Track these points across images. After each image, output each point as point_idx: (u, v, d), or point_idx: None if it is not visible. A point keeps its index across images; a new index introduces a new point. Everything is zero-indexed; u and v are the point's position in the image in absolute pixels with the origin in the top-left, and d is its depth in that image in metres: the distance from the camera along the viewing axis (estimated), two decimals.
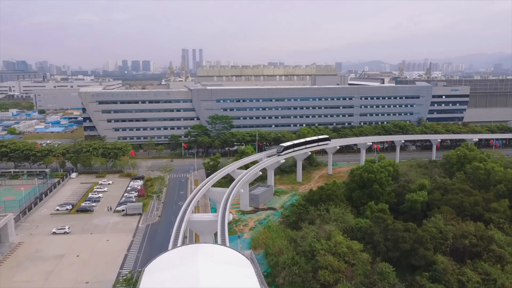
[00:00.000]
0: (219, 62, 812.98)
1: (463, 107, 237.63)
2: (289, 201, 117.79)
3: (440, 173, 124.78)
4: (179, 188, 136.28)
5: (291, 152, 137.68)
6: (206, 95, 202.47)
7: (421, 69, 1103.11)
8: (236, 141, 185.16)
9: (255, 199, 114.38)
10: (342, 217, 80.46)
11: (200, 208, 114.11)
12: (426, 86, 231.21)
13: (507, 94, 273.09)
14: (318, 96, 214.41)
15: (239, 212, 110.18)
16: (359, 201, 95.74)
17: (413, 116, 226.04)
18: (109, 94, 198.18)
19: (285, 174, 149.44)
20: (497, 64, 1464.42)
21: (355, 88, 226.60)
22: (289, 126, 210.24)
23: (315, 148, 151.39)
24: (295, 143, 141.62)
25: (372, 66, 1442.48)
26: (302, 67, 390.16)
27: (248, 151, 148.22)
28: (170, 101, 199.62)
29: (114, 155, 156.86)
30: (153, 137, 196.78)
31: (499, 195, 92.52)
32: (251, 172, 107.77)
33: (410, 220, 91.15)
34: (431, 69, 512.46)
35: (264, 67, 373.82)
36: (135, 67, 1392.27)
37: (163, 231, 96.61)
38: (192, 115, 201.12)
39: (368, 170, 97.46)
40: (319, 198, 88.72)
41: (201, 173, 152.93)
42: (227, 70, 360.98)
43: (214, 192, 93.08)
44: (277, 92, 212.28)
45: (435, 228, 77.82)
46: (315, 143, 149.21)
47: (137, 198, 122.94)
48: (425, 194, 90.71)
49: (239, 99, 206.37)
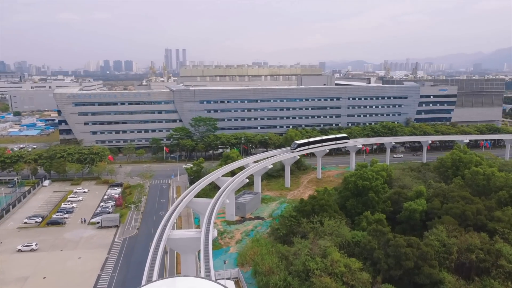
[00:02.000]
0: (203, 62, 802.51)
1: (450, 107, 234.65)
2: (277, 209, 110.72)
3: (434, 177, 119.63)
4: (160, 195, 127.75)
5: (305, 149, 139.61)
6: (189, 96, 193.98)
7: (403, 68, 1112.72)
8: (220, 144, 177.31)
9: (241, 208, 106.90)
10: (338, 230, 73.67)
11: (182, 219, 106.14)
12: (414, 86, 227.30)
13: (493, 94, 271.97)
14: (305, 97, 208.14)
15: (225, 223, 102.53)
16: (354, 210, 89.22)
17: (401, 116, 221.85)
18: (86, 96, 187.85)
19: (273, 179, 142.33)
20: (477, 64, 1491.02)
21: (343, 89, 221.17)
22: (275, 127, 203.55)
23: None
24: (310, 141, 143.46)
25: (355, 66, 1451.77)
26: (287, 67, 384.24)
27: (233, 156, 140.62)
28: (151, 103, 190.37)
29: (91, 160, 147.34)
30: (133, 140, 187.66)
31: (501, 202, 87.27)
32: (238, 179, 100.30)
33: (408, 230, 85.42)
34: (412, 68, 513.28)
35: (249, 67, 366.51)
36: (117, 67, 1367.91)
37: (142, 246, 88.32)
38: (174, 117, 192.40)
39: (362, 177, 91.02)
40: (311, 209, 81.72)
41: (183, 178, 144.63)
42: (211, 70, 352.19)
43: (197, 203, 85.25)
44: (263, 92, 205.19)
45: (437, 241, 71.70)
46: (332, 142, 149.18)
47: (114, 208, 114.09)
48: (424, 203, 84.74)
49: (224, 100, 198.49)
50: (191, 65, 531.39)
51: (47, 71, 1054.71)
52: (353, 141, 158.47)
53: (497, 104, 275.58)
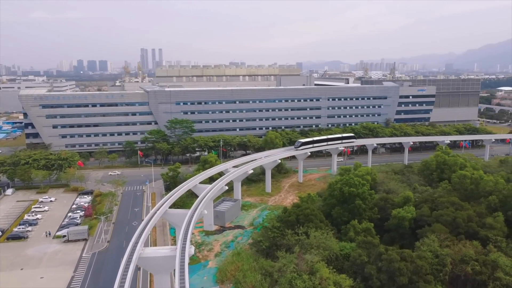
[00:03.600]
0: (180, 62, 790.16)
1: (429, 107, 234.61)
2: (258, 217, 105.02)
3: (419, 180, 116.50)
4: (134, 203, 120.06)
5: (310, 148, 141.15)
6: (165, 97, 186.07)
7: (379, 69, 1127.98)
8: (198, 147, 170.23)
9: (220, 216, 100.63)
10: (325, 243, 68.47)
11: (157, 229, 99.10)
12: (394, 86, 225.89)
13: (469, 94, 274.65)
14: (284, 98, 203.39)
15: (203, 233, 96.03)
16: (340, 218, 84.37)
17: (380, 117, 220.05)
18: (54, 97, 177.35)
19: (253, 184, 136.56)
20: (448, 64, 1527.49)
21: (322, 89, 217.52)
22: (254, 129, 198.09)
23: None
24: (314, 139, 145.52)
25: (332, 66, 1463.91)
26: (265, 67, 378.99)
27: (211, 160, 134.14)
28: (124, 104, 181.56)
29: (59, 167, 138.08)
30: (105, 144, 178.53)
31: (490, 207, 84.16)
32: (216, 187, 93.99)
33: (397, 239, 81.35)
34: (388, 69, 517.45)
35: (226, 67, 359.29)
36: (91, 67, 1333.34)
37: (112, 261, 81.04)
38: (149, 119, 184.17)
39: (349, 184, 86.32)
40: (296, 219, 76.32)
41: (159, 184, 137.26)
42: (188, 70, 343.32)
43: (172, 215, 78.64)
44: (241, 93, 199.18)
45: (430, 251, 67.61)
46: (338, 141, 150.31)
47: (83, 219, 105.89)
48: (413, 210, 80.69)
49: (201, 101, 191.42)
50: (167, 65, 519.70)
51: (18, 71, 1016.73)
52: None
53: (473, 104, 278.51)
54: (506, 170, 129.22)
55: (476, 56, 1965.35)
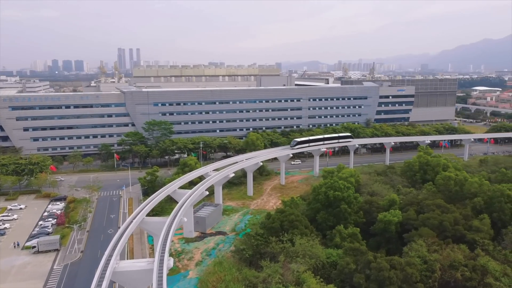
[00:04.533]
0: (158, 62, 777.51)
1: (409, 107, 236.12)
2: (240, 223, 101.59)
3: (402, 181, 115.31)
4: (110, 209, 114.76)
5: (306, 147, 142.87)
6: (142, 98, 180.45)
7: (356, 69, 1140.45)
8: (177, 150, 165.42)
9: (201, 222, 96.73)
10: (311, 250, 65.60)
11: (134, 237, 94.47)
12: (374, 86, 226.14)
13: (446, 94, 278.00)
14: (265, 98, 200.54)
15: (183, 240, 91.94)
16: (325, 223, 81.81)
17: (361, 117, 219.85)
18: (25, 98, 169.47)
19: (234, 187, 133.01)
20: (424, 65, 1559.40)
21: (303, 89, 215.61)
22: (234, 130, 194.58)
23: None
24: (310, 138, 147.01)
25: (310, 66, 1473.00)
26: (245, 67, 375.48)
27: (191, 163, 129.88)
28: (100, 106, 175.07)
29: (29, 172, 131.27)
30: (80, 147, 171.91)
31: (476, 209, 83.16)
32: (197, 192, 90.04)
33: (384, 243, 79.36)
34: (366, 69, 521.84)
35: (205, 67, 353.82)
36: (67, 67, 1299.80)
37: (86, 274, 76.14)
38: (126, 121, 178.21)
39: (333, 187, 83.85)
40: (280, 226, 73.28)
41: (136, 189, 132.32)
42: (166, 70, 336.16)
43: (149, 223, 74.29)
44: (221, 94, 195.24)
45: (418, 257, 65.71)
46: (334, 140, 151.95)
47: (55, 228, 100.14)
48: (399, 214, 78.83)
49: (179, 102, 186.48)
50: (145, 65, 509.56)
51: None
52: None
53: (450, 103, 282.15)
54: (487, 170, 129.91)
55: (450, 56, 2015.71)
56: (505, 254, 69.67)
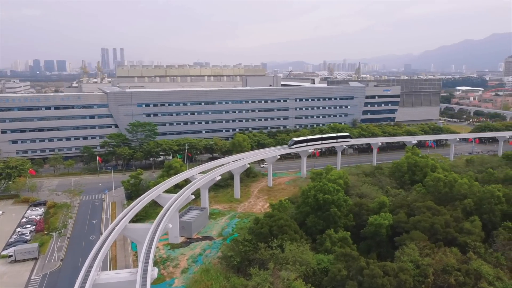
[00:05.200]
0: (142, 62, 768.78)
1: (394, 107, 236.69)
2: (228, 227, 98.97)
3: (391, 183, 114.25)
4: (92, 214, 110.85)
5: (304, 146, 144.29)
6: (125, 98, 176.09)
7: (341, 69, 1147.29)
8: (161, 151, 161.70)
9: (187, 227, 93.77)
10: (301, 257, 63.44)
11: (117, 243, 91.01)
12: (360, 86, 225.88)
13: (431, 94, 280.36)
14: (251, 98, 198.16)
15: (168, 247, 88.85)
16: (315, 227, 79.84)
17: (347, 117, 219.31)
18: (2, 100, 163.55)
19: (220, 189, 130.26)
20: (407, 65, 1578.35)
21: (290, 90, 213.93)
22: (220, 131, 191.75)
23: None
24: (308, 138, 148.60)
25: (295, 66, 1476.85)
26: (230, 67, 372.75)
27: (176, 165, 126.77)
28: (82, 107, 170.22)
29: (7, 176, 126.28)
30: (61, 149, 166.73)
31: (466, 211, 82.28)
32: (182, 196, 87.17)
33: (374, 247, 77.73)
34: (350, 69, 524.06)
35: (190, 67, 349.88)
36: (49, 67, 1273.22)
37: (66, 284, 72.53)
38: (109, 122, 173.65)
39: (323, 190, 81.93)
40: (269, 231, 70.94)
41: (120, 192, 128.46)
42: (150, 70, 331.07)
43: (133, 230, 71.25)
44: (207, 94, 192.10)
45: (411, 261, 64.17)
46: (333, 140, 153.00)
47: (33, 235, 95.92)
48: (390, 217, 77.34)
49: (164, 103, 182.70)
50: (129, 65, 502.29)
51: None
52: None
53: (435, 103, 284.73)
54: (473, 170, 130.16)
55: (432, 57, 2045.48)
56: (496, 256, 68.65)
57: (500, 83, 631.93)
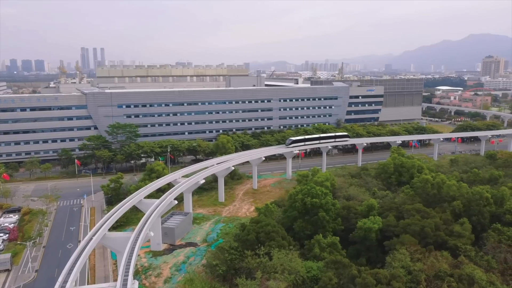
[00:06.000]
0: (123, 61, 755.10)
1: (378, 107, 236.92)
2: (212, 232, 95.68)
3: (377, 184, 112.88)
4: (70, 221, 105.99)
5: (302, 145, 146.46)
6: (105, 99, 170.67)
7: (323, 69, 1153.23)
8: (143, 154, 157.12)
9: (170, 233, 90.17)
10: (290, 265, 60.84)
11: (96, 251, 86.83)
12: (344, 86, 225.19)
13: (413, 94, 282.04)
14: (235, 99, 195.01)
15: (149, 254, 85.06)
16: (303, 232, 77.41)
17: (331, 118, 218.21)
18: None
19: (204, 193, 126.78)
20: (387, 65, 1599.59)
21: (274, 90, 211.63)
22: (204, 132, 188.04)
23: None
24: (306, 137, 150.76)
25: (278, 66, 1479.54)
26: (213, 67, 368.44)
27: (158, 168, 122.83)
28: (59, 108, 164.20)
29: None
30: (38, 152, 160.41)
31: (455, 213, 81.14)
32: (164, 202, 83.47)
33: (364, 252, 75.78)
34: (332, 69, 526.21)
35: (173, 67, 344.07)
36: (27, 67, 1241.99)
37: None
38: (88, 124, 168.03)
39: (311, 194, 79.54)
40: (256, 238, 68.08)
41: (99, 196, 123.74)
42: (131, 70, 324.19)
43: (112, 239, 67.32)
44: (190, 94, 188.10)
45: (402, 267, 62.35)
46: (331, 140, 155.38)
47: (6, 244, 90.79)
48: (380, 220, 75.49)
49: (145, 104, 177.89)
50: (109, 65, 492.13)
51: None
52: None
53: (417, 103, 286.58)
54: (458, 170, 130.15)
55: (412, 57, 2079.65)
56: (487, 260, 67.53)
57: (479, 83, 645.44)
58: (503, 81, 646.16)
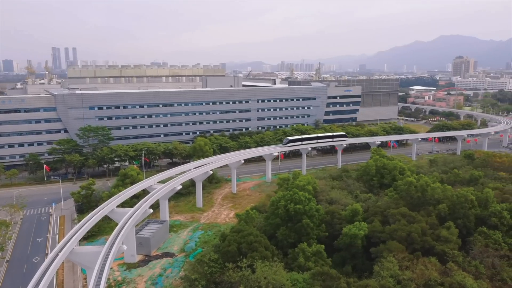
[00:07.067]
0: (96, 61, 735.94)
1: (356, 107, 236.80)
2: (191, 241, 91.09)
3: (359, 186, 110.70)
4: (37, 232, 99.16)
5: (298, 145, 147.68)
6: (76, 101, 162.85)
7: (299, 69, 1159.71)
8: (116, 157, 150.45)
9: (145, 244, 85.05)
10: (274, 278, 57.14)
11: (65, 265, 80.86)
12: (322, 87, 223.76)
13: (390, 94, 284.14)
14: (212, 100, 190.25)
15: (123, 267, 79.78)
16: (286, 240, 73.91)
17: (310, 118, 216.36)
18: None
19: (181, 198, 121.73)
20: (362, 65, 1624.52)
21: (252, 90, 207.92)
22: (180, 134, 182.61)
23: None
24: (303, 137, 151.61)
25: (254, 66, 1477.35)
26: (189, 67, 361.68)
27: (132, 173, 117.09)
28: (26, 110, 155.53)
29: None
30: (3, 157, 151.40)
31: (440, 216, 79.40)
32: (139, 211, 78.31)
33: (349, 259, 72.93)
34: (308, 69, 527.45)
35: (147, 67, 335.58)
36: None
37: None
38: (57, 127, 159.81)
39: (294, 200, 76.11)
40: (237, 249, 64.05)
41: (70, 204, 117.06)
42: (104, 70, 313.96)
43: (81, 254, 61.92)
44: (165, 96, 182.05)
45: (391, 277, 59.68)
46: (328, 139, 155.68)
47: None
48: (365, 226, 72.76)
49: (119, 105, 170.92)
50: (81, 65, 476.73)
51: None
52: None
53: (393, 103, 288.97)
54: (438, 170, 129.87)
55: (385, 57, 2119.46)
56: (475, 265, 65.82)
57: (450, 83, 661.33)
58: (473, 80, 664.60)
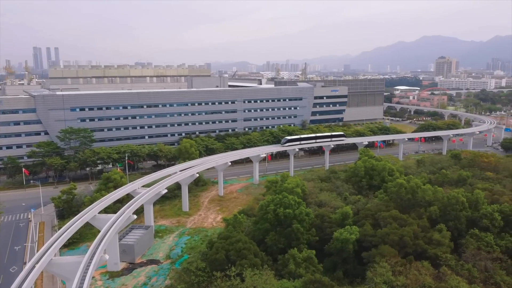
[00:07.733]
0: (78, 62, 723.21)
1: (342, 107, 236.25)
2: (176, 247, 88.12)
3: (348, 188, 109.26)
4: (14, 239, 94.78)
5: (297, 145, 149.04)
6: (56, 102, 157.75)
7: (284, 69, 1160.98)
8: (99, 160, 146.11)
9: (129, 251, 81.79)
10: (264, 287, 54.82)
11: (44, 275, 77.08)
12: (308, 87, 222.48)
13: (375, 94, 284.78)
14: (197, 101, 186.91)
15: (106, 276, 76.41)
16: (275, 246, 71.66)
17: (297, 119, 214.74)
18: None
19: (167, 201, 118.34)
20: (346, 65, 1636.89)
21: (238, 91, 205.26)
22: (165, 136, 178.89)
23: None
24: (302, 137, 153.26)
25: (239, 66, 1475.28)
26: (174, 67, 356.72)
27: (115, 177, 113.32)
28: (4, 112, 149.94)
29: None
30: None
31: (431, 219, 78.25)
32: (122, 217, 74.98)
33: (340, 264, 71.11)
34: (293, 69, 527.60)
35: (131, 68, 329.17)
36: None
37: None
38: (37, 129, 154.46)
39: (284, 204, 73.92)
40: (225, 257, 61.53)
41: (50, 209, 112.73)
42: (87, 71, 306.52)
43: (60, 265, 58.49)
44: (150, 96, 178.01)
45: (384, 283, 58.01)
46: (327, 139, 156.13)
47: None
48: (357, 230, 71.07)
49: (101, 107, 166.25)
50: (63, 65, 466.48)
51: None
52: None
53: (379, 103, 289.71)
54: (425, 171, 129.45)
55: (369, 58, 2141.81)
56: (468, 269, 64.75)
57: (433, 83, 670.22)
58: (455, 80, 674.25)
